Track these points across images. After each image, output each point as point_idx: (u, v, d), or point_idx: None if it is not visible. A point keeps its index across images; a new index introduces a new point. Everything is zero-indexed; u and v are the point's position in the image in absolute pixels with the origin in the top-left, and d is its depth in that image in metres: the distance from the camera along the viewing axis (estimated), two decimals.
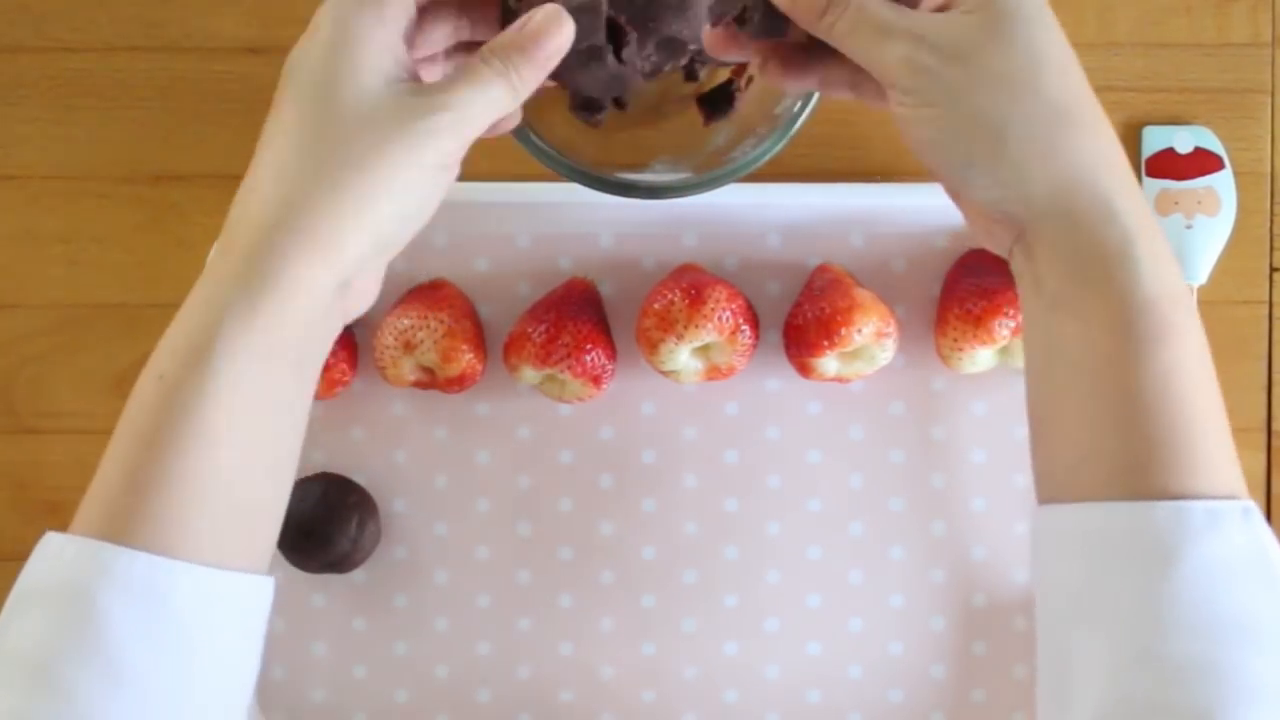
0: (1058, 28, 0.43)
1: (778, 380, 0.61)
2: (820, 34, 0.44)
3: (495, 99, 0.42)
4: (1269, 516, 0.62)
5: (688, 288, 0.57)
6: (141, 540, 0.39)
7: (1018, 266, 0.44)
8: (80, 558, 0.39)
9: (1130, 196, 0.41)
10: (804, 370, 0.59)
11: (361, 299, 0.44)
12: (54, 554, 0.39)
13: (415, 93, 0.41)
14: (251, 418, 0.41)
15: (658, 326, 0.57)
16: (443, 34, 0.47)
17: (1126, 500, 0.40)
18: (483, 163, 0.61)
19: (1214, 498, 0.40)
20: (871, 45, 0.43)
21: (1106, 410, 0.41)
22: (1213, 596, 0.39)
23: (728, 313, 0.57)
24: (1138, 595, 0.39)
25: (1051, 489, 0.43)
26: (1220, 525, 0.39)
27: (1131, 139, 0.62)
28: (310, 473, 0.61)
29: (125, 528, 0.39)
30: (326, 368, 0.58)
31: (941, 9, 0.42)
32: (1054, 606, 0.42)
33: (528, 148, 0.52)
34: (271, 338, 0.40)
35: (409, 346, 0.58)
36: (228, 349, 0.40)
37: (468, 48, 0.48)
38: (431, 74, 0.47)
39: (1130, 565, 0.39)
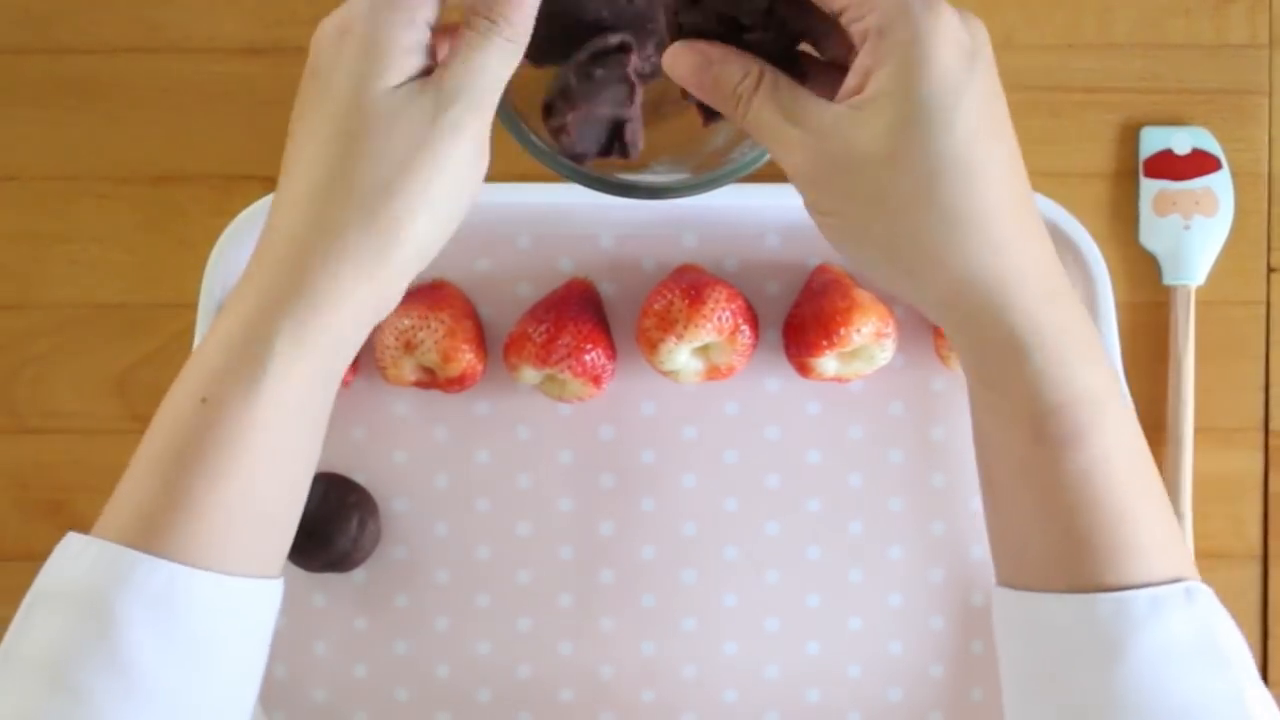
0: (974, 119, 0.39)
1: (777, 380, 0.61)
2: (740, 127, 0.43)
3: (498, 59, 0.42)
4: (1268, 517, 0.63)
5: (688, 288, 0.57)
6: (166, 549, 0.39)
7: (952, 348, 0.44)
8: (101, 562, 0.39)
9: (1029, 300, 0.40)
10: (803, 370, 0.59)
11: (389, 304, 0.44)
12: (74, 555, 0.40)
13: (425, 90, 0.41)
14: (289, 437, 0.41)
15: (658, 326, 0.57)
16: None
17: (1070, 592, 0.40)
18: None
19: (1156, 583, 0.39)
20: (772, 146, 0.42)
21: (1031, 508, 0.41)
22: (1160, 685, 0.39)
23: (727, 313, 0.57)
24: (1088, 687, 0.39)
25: (1003, 570, 0.43)
26: (1163, 612, 0.39)
27: (1130, 140, 0.62)
28: None
29: (151, 536, 0.39)
30: None
31: (858, 89, 0.40)
32: (1014, 687, 0.43)
33: (528, 148, 0.52)
34: (316, 363, 0.41)
35: (409, 346, 0.58)
36: (277, 375, 0.40)
37: None
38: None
39: (1079, 658, 0.39)
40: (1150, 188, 0.62)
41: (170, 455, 0.40)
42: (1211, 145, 0.62)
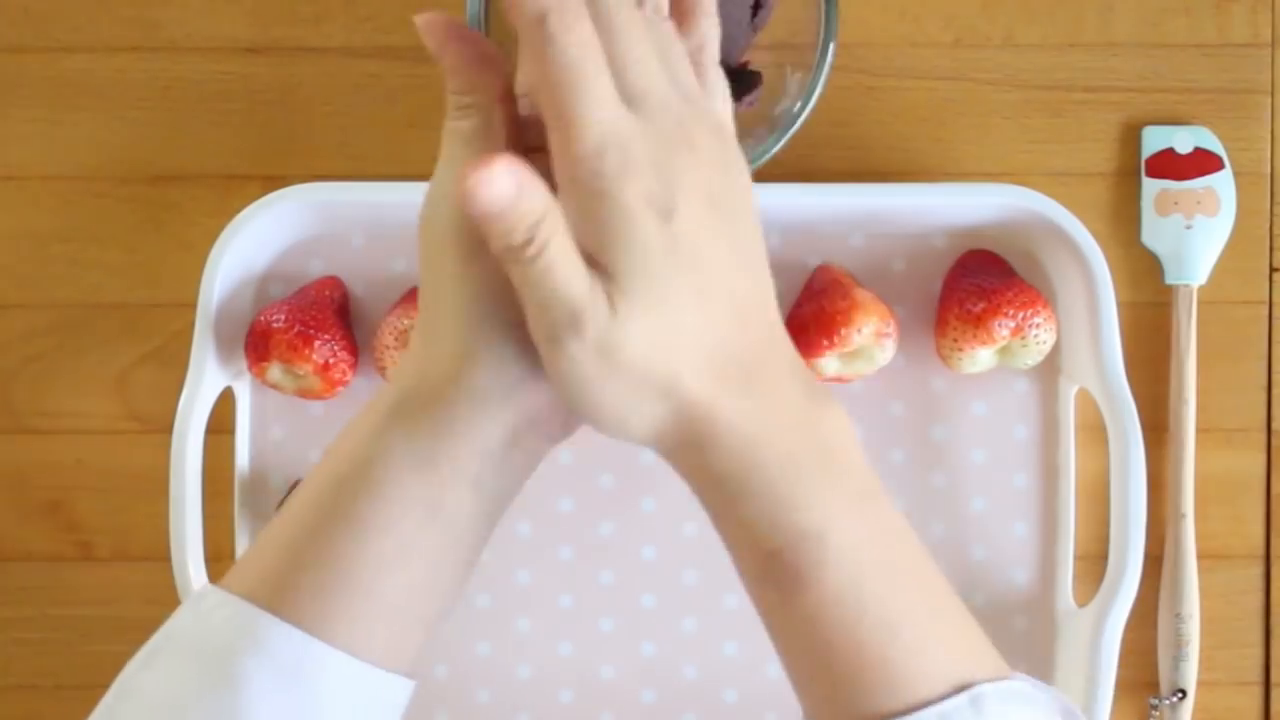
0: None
1: None
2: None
3: (456, 142, 0.39)
4: (1270, 517, 0.62)
5: None
6: (297, 617, 0.37)
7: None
8: (233, 620, 0.38)
9: (738, 443, 0.37)
10: None
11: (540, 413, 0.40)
12: (208, 610, 0.38)
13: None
14: (407, 521, 0.38)
15: None
16: None
17: None
18: None
19: (940, 698, 0.37)
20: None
21: (782, 649, 0.40)
22: None
23: None
24: None
25: (801, 705, 0.41)
26: None
27: (1131, 139, 0.62)
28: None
29: (282, 600, 0.38)
30: (326, 367, 0.58)
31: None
32: None
33: None
34: (430, 445, 0.38)
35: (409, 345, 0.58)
36: (385, 452, 0.38)
37: None
38: None
39: None
40: (1152, 187, 0.62)
41: (295, 520, 0.39)
42: (1213, 144, 0.62)
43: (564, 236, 0.35)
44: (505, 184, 0.33)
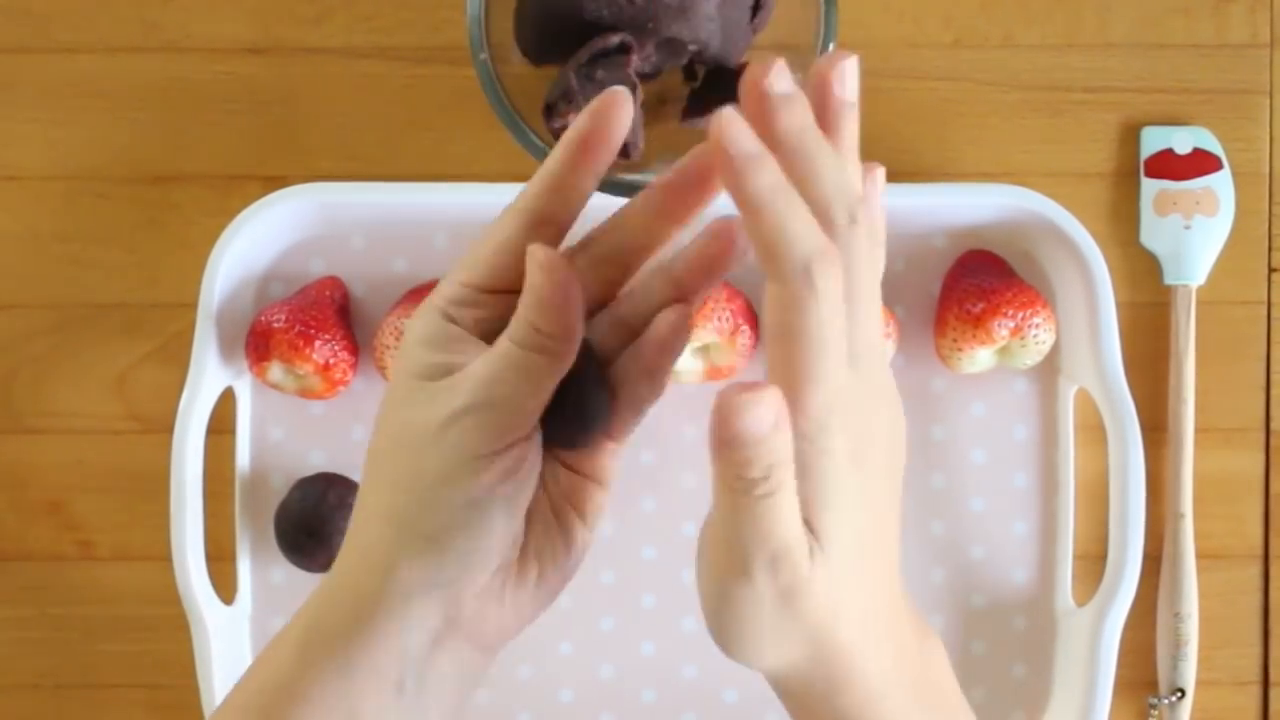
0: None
1: None
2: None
3: (510, 367, 0.37)
4: (1269, 517, 0.62)
5: None
6: None
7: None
8: None
9: (889, 677, 0.38)
10: None
11: (487, 621, 0.41)
12: None
13: (431, 387, 0.38)
14: None
15: None
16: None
17: None
18: (483, 163, 0.62)
19: None
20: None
21: None
22: None
23: (728, 313, 0.57)
24: None
25: None
26: None
27: (1130, 139, 0.62)
28: (310, 473, 0.61)
29: None
30: (327, 367, 0.58)
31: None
32: None
33: (528, 148, 0.52)
34: (345, 650, 0.38)
35: None
36: (305, 657, 0.39)
37: None
38: None
39: None
40: (1151, 187, 0.62)
41: (247, 714, 0.39)
42: (1212, 145, 0.62)
43: (794, 481, 0.34)
44: (767, 414, 0.32)
